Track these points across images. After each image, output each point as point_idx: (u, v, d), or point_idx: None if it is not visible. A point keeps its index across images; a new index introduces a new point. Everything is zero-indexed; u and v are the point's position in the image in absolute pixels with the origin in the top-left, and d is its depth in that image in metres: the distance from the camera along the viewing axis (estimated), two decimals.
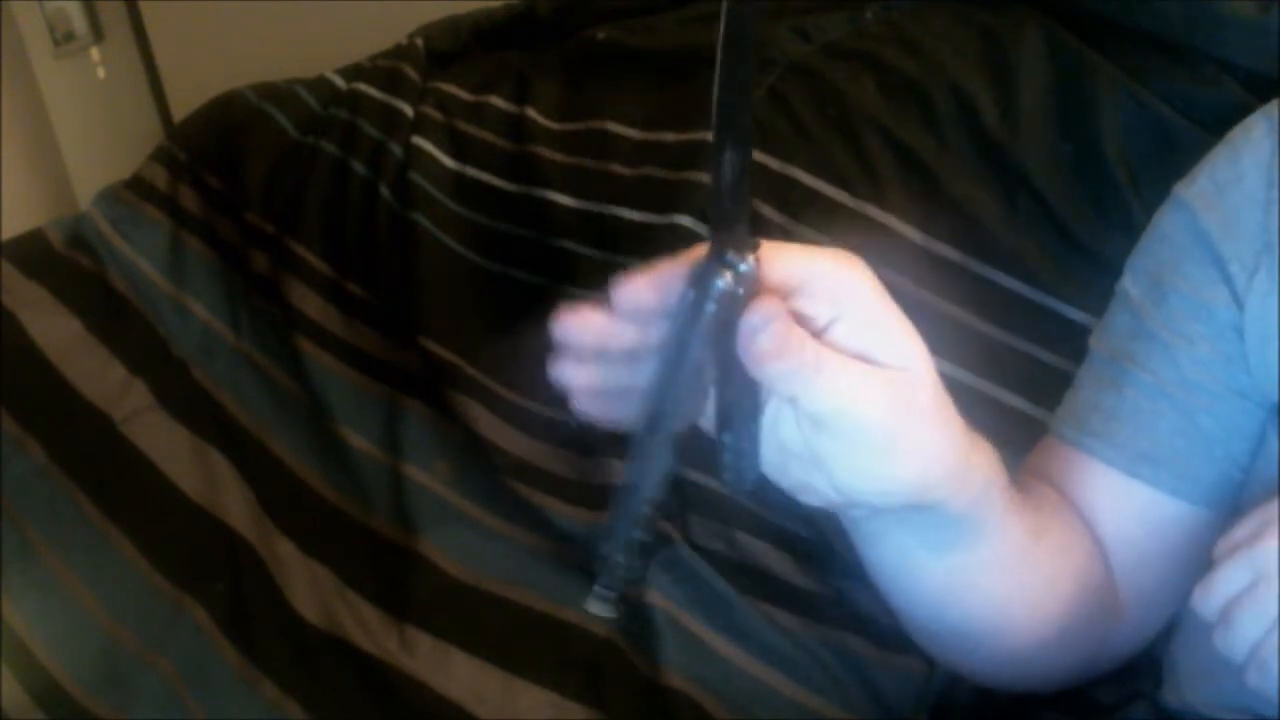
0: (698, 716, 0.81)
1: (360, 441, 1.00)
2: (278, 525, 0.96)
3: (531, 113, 1.14)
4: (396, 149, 1.14)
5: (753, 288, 0.45)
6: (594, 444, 0.94)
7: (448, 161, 1.13)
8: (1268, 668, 0.50)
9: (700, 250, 0.46)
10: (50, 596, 0.90)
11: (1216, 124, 0.84)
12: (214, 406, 1.06)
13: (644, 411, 0.48)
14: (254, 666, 0.86)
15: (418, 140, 1.14)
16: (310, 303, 1.09)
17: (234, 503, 0.98)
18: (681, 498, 0.91)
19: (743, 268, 0.45)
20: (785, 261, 0.47)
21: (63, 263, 1.16)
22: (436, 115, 1.17)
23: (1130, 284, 0.70)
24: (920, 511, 0.53)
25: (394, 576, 0.91)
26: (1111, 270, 0.74)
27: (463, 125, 1.16)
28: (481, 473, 0.96)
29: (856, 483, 0.49)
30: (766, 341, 0.45)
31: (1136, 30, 0.95)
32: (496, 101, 1.17)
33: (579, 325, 0.48)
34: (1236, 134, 0.69)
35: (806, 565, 0.88)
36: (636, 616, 0.86)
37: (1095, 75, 0.93)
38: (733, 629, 0.84)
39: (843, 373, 0.46)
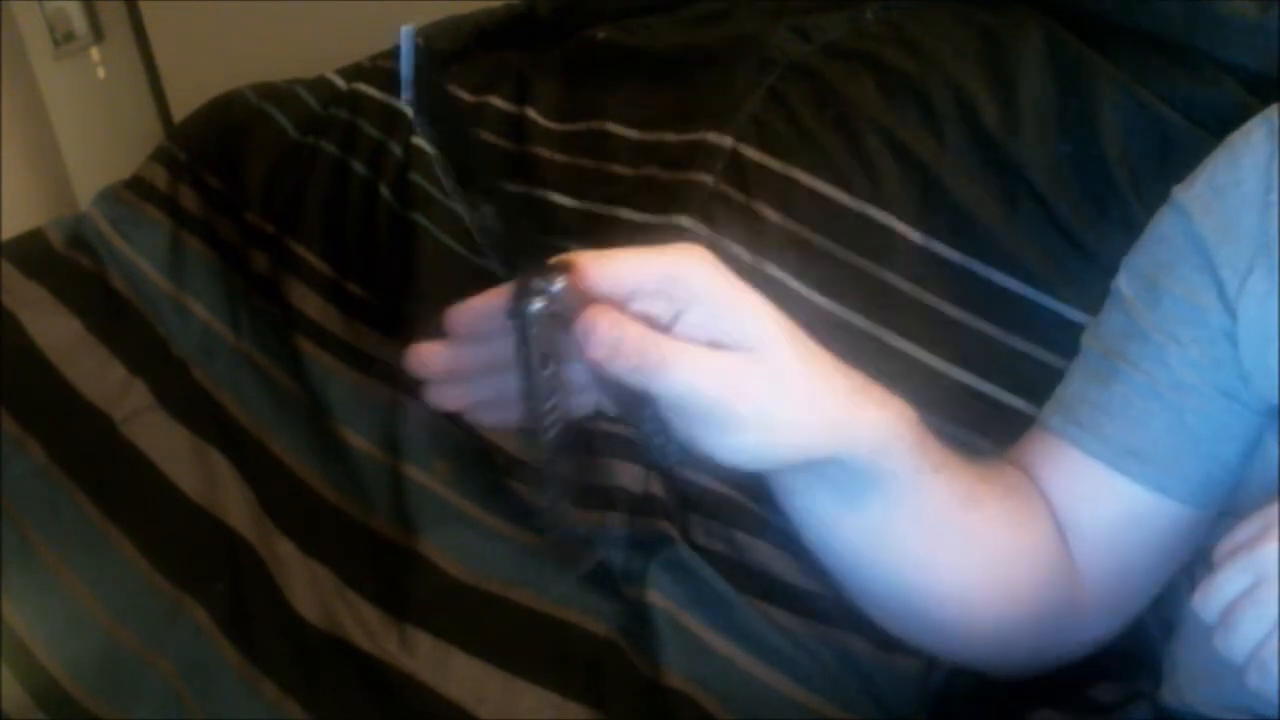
0: (698, 716, 0.81)
1: (360, 441, 1.00)
2: (278, 525, 0.96)
3: (531, 113, 1.14)
4: (396, 149, 1.14)
5: (572, 302, 0.47)
6: (594, 444, 0.94)
7: None
8: (1268, 669, 0.50)
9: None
10: (50, 596, 0.90)
11: (1216, 124, 0.84)
12: (214, 406, 1.06)
13: (526, 417, 0.51)
14: (254, 666, 0.86)
15: (418, 140, 1.14)
16: (310, 303, 1.09)
17: (234, 503, 0.98)
18: (681, 498, 0.91)
19: (553, 289, 0.47)
20: (613, 270, 0.49)
21: (63, 263, 1.16)
22: None
23: (1125, 284, 0.71)
24: (819, 467, 0.55)
25: (394, 576, 0.91)
26: (1111, 271, 0.74)
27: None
28: (481, 473, 0.96)
29: (729, 458, 0.51)
30: (597, 347, 0.47)
31: (1136, 30, 0.95)
32: (496, 101, 1.17)
33: (423, 358, 0.52)
34: (1236, 138, 0.69)
35: (806, 565, 0.88)
36: (636, 616, 0.86)
37: (1095, 75, 0.93)
38: (733, 629, 0.84)
39: (682, 360, 0.48)
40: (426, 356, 0.52)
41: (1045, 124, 0.94)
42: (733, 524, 0.89)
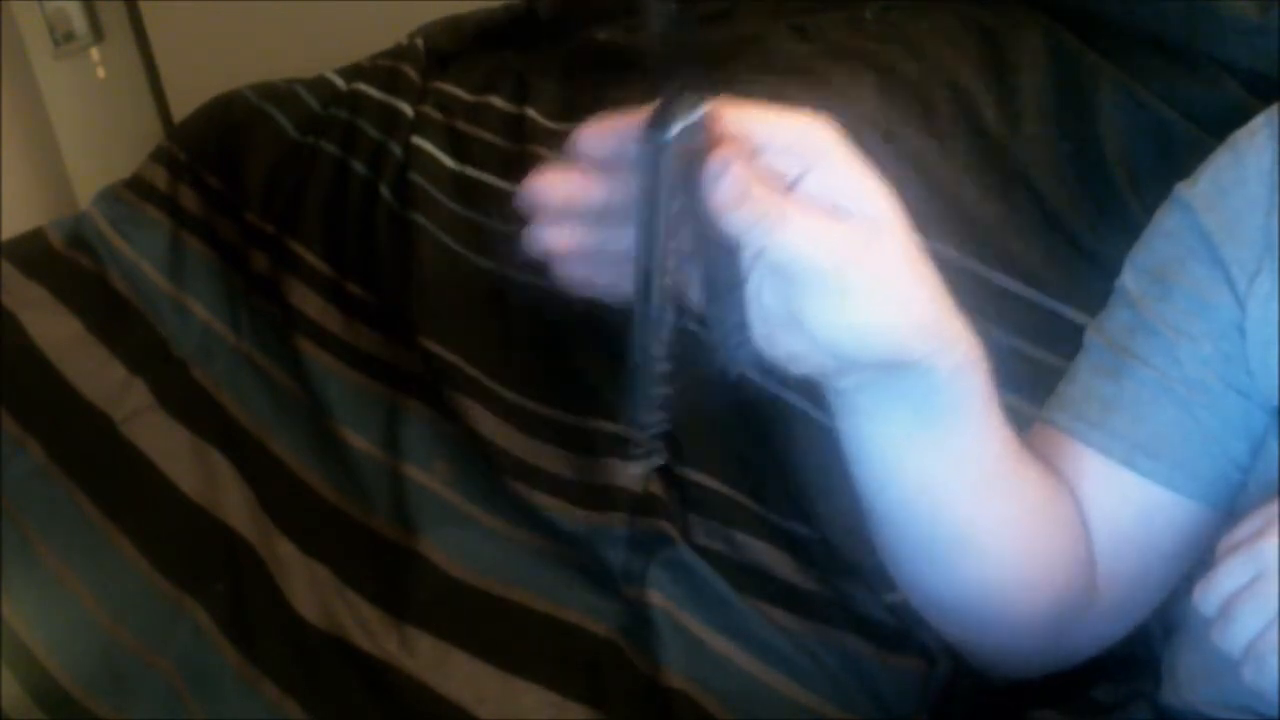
0: (698, 716, 0.81)
1: (360, 441, 1.00)
2: (278, 525, 0.96)
3: (531, 113, 1.14)
4: (396, 149, 1.14)
5: (708, 137, 0.46)
6: (594, 444, 0.94)
7: (448, 161, 1.13)
8: (1265, 663, 0.50)
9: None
10: (50, 596, 0.90)
11: (1217, 125, 0.84)
12: (214, 406, 1.06)
13: (635, 273, 0.48)
14: (254, 666, 0.86)
15: (418, 140, 1.14)
16: (310, 303, 1.09)
17: (234, 503, 0.98)
18: (682, 498, 0.91)
19: (694, 115, 0.45)
20: (750, 119, 0.48)
21: (63, 263, 1.16)
22: (436, 115, 1.17)
23: (1130, 280, 0.71)
24: (905, 373, 0.53)
25: (394, 576, 0.91)
26: (1111, 270, 0.74)
27: (463, 125, 1.16)
28: (481, 473, 0.96)
29: (834, 335, 0.50)
30: (727, 188, 0.45)
31: (1136, 30, 0.95)
32: (496, 101, 1.17)
33: (547, 184, 0.49)
34: (1240, 136, 0.69)
35: (806, 565, 0.88)
36: (636, 616, 0.86)
37: (1095, 75, 0.93)
38: (733, 629, 0.84)
39: (805, 220, 0.47)
40: (548, 182, 0.50)
41: (1045, 124, 0.94)
42: (733, 524, 0.89)
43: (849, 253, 0.48)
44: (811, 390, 0.56)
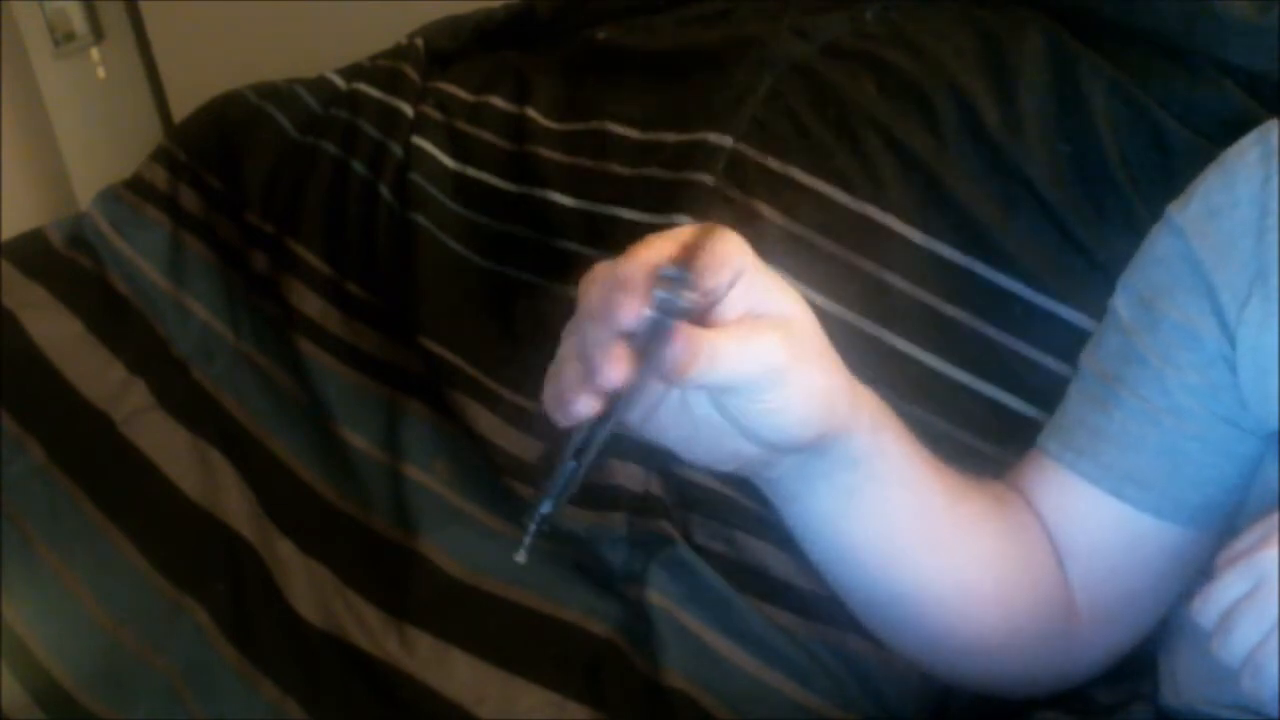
0: (698, 716, 0.81)
1: (360, 441, 1.00)
2: (278, 525, 0.96)
3: (531, 113, 1.14)
4: (396, 149, 1.14)
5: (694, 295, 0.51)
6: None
7: (448, 161, 1.13)
8: (1263, 672, 0.50)
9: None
10: (50, 596, 0.91)
11: (1215, 128, 0.84)
12: (214, 406, 1.06)
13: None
14: (254, 666, 0.86)
15: (418, 140, 1.14)
16: (310, 303, 1.09)
17: (234, 503, 0.98)
18: (681, 498, 0.91)
19: (679, 273, 0.51)
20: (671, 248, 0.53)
21: (63, 263, 1.16)
22: (436, 115, 1.17)
23: (1122, 305, 0.70)
24: (825, 451, 0.57)
25: (394, 576, 0.91)
26: (1111, 272, 0.74)
27: (463, 125, 1.16)
28: (481, 473, 0.96)
29: (769, 426, 0.54)
30: (683, 356, 0.49)
31: (1136, 31, 0.95)
32: (496, 101, 1.17)
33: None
34: (1230, 156, 0.69)
35: (806, 565, 0.88)
36: (636, 616, 0.86)
37: (1095, 76, 0.93)
38: (733, 629, 0.84)
39: (739, 347, 0.51)
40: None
41: (1045, 125, 0.94)
42: (733, 524, 0.89)
43: (773, 358, 0.52)
44: None
